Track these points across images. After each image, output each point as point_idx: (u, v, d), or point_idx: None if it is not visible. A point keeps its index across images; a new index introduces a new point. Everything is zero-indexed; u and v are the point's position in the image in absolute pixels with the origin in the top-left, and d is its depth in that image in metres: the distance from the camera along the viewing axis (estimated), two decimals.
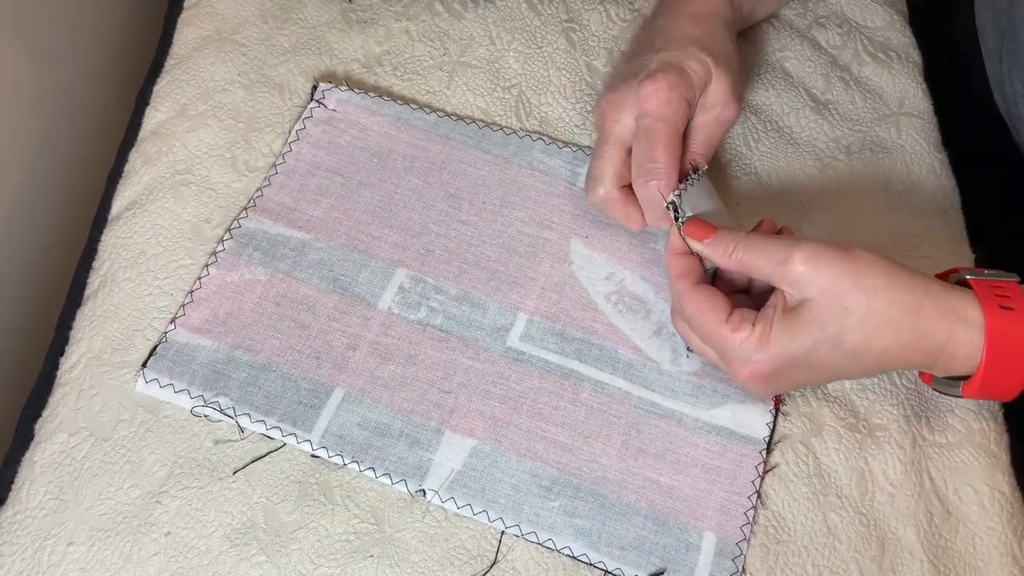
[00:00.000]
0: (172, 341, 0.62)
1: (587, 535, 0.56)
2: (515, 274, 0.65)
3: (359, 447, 0.59)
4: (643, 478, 0.58)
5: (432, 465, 0.58)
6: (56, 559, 0.55)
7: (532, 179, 0.69)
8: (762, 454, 0.59)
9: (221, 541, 0.56)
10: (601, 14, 0.77)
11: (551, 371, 0.62)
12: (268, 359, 0.61)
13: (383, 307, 0.64)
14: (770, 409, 0.60)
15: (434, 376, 0.61)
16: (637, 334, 0.63)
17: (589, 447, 0.59)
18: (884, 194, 0.69)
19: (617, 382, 0.61)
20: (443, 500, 0.57)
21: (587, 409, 0.60)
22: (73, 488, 0.57)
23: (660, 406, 0.61)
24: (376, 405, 0.60)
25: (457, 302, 0.64)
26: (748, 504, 0.57)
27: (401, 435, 0.59)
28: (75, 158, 0.80)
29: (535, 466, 0.58)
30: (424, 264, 0.65)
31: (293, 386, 0.60)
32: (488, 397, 0.61)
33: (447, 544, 0.56)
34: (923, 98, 0.74)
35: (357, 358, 0.62)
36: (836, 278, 0.53)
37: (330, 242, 0.66)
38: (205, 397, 0.60)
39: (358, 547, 0.56)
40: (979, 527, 0.57)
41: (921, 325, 0.52)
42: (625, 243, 0.66)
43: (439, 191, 0.68)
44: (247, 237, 0.66)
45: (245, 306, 0.63)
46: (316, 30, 0.76)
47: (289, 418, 0.59)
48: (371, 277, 0.65)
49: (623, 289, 0.65)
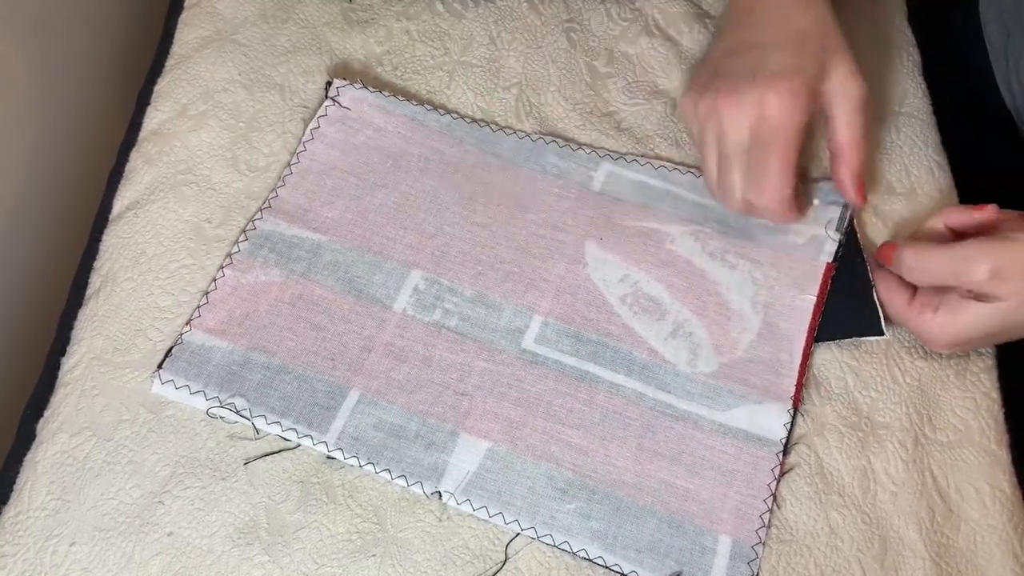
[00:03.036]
0: (187, 343, 0.62)
1: (603, 537, 0.56)
2: (529, 276, 0.65)
3: (375, 449, 0.59)
4: (658, 480, 0.58)
5: (448, 467, 0.58)
6: (58, 559, 0.55)
7: (546, 182, 0.69)
8: (778, 456, 0.59)
9: (223, 541, 0.56)
10: (602, 14, 0.77)
11: (566, 373, 0.61)
12: (283, 361, 0.61)
13: (398, 309, 0.63)
14: (788, 409, 0.60)
15: (449, 378, 0.61)
16: (653, 336, 0.63)
17: (604, 449, 0.59)
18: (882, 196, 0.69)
19: (633, 384, 0.61)
20: (459, 502, 0.57)
21: (602, 411, 0.60)
22: (75, 488, 0.57)
23: (676, 408, 0.60)
24: (391, 407, 0.60)
25: (472, 304, 0.64)
26: (764, 507, 0.57)
27: (417, 437, 0.59)
28: (76, 158, 0.80)
29: (551, 468, 0.58)
30: (439, 266, 0.65)
31: (309, 388, 0.61)
32: (503, 399, 0.60)
33: (449, 544, 0.56)
34: (922, 97, 0.74)
35: (372, 360, 0.62)
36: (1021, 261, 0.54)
37: (345, 244, 0.66)
38: (221, 398, 0.60)
39: (360, 547, 0.56)
40: (980, 525, 0.57)
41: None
42: (640, 245, 0.66)
43: (453, 193, 0.68)
44: (262, 239, 0.66)
45: (260, 308, 0.63)
46: (316, 30, 0.76)
47: (305, 419, 0.59)
48: (386, 279, 0.65)
49: (638, 291, 0.64)
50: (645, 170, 0.69)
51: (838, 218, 0.66)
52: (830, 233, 0.66)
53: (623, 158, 0.70)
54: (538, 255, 0.66)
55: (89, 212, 0.69)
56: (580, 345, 0.62)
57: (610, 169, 0.70)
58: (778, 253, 0.65)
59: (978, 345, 0.60)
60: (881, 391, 0.61)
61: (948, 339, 0.58)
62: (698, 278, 0.64)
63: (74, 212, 0.78)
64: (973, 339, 0.58)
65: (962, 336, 0.57)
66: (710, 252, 0.65)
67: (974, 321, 0.56)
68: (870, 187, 0.68)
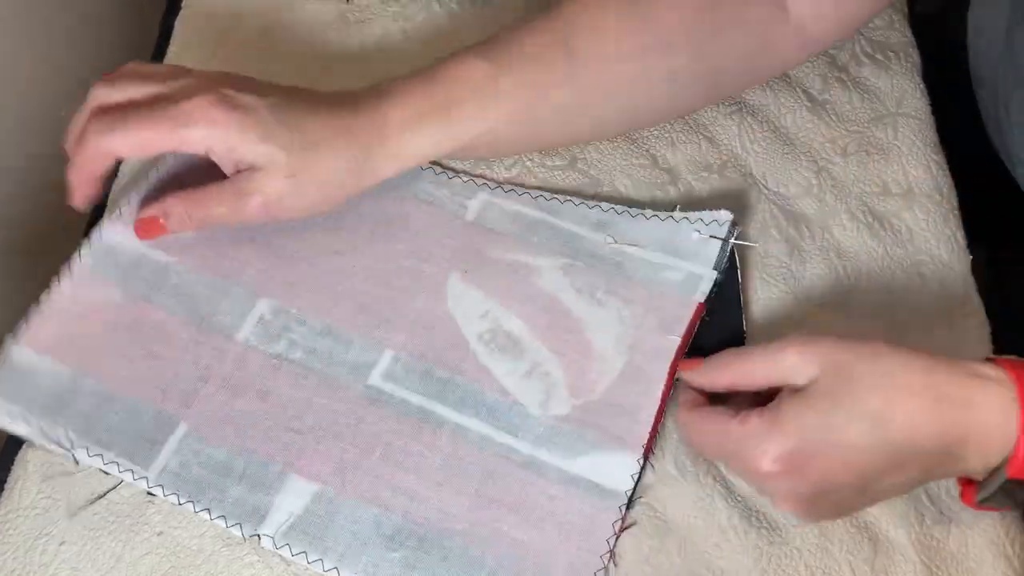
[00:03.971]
0: (16, 362, 0.59)
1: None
2: (386, 309, 0.62)
3: (197, 487, 0.56)
4: (493, 530, 0.55)
5: (271, 509, 0.55)
6: (47, 558, 0.55)
7: (417, 209, 0.66)
8: (621, 509, 0.55)
9: (213, 541, 0.56)
10: None
11: (410, 413, 0.58)
12: (113, 389, 0.58)
13: (241, 339, 0.61)
14: (638, 459, 0.57)
15: (286, 415, 0.58)
16: (507, 375, 0.60)
17: (440, 495, 0.56)
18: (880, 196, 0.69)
19: (479, 426, 0.58)
20: (278, 546, 0.54)
21: (443, 455, 0.57)
22: (65, 487, 0.57)
23: (520, 453, 0.57)
24: (220, 443, 0.57)
25: (320, 336, 0.61)
26: (599, 564, 0.54)
27: (243, 476, 0.56)
28: None
29: (379, 514, 0.55)
30: (289, 294, 0.62)
31: (136, 419, 0.58)
32: (339, 439, 0.58)
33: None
34: (921, 98, 0.74)
35: (206, 392, 0.59)
36: (836, 352, 0.49)
37: (193, 266, 0.63)
38: (43, 429, 0.57)
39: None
40: (972, 528, 0.56)
41: (937, 385, 0.48)
42: (506, 279, 0.63)
43: (318, 217, 0.63)
44: (106, 252, 0.63)
45: (95, 329, 0.60)
46: (314, 30, 0.76)
47: (128, 453, 0.57)
48: (232, 306, 0.62)
49: (497, 327, 0.61)
50: (523, 199, 0.66)
51: (717, 254, 0.63)
52: (707, 270, 0.63)
53: (501, 187, 0.67)
54: (398, 286, 0.63)
55: (88, 212, 0.69)
56: (429, 383, 0.59)
57: (486, 199, 0.67)
58: (651, 291, 0.62)
59: (818, 460, 0.49)
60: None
61: (780, 437, 0.49)
62: (562, 316, 0.62)
63: (73, 212, 0.78)
64: (807, 435, 0.48)
65: (792, 432, 0.48)
66: (578, 288, 0.63)
67: (801, 408, 0.49)
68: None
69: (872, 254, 0.66)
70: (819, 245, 0.66)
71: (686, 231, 0.64)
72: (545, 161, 0.69)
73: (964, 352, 0.54)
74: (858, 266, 0.66)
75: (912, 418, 0.48)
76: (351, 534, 0.55)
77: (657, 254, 0.64)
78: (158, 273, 0.63)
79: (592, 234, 0.65)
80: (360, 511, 0.56)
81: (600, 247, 0.64)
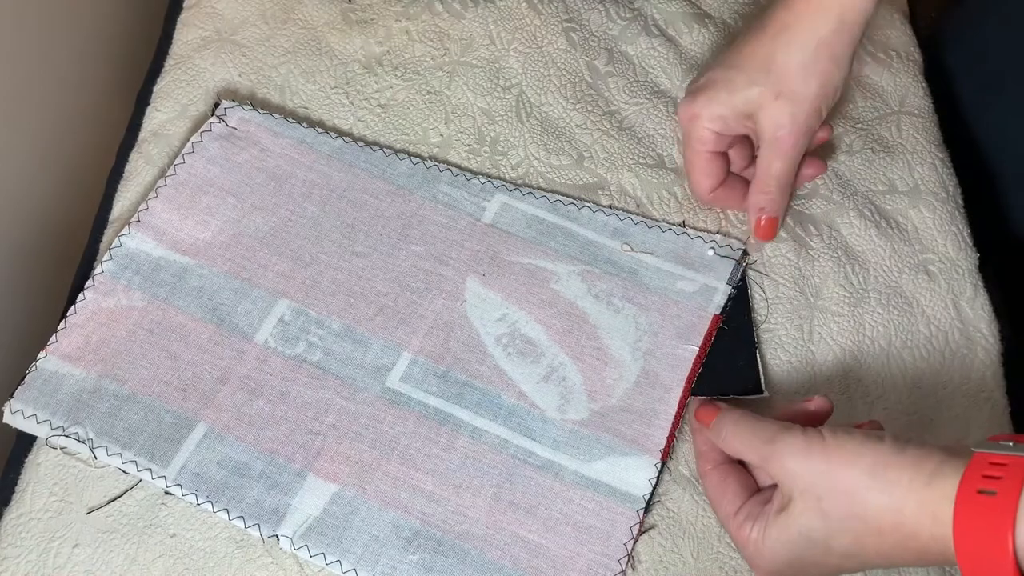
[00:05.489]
0: (42, 369, 0.59)
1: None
2: (404, 311, 0.62)
3: (215, 487, 0.56)
4: (510, 534, 0.56)
5: (289, 510, 0.56)
6: (61, 561, 0.55)
7: (434, 212, 0.66)
8: (639, 513, 0.56)
9: (226, 543, 0.56)
10: (601, 14, 0.77)
11: (428, 415, 0.59)
12: (133, 389, 0.59)
13: (260, 340, 0.61)
14: (655, 464, 0.58)
15: (304, 416, 0.59)
16: (524, 379, 0.60)
17: (458, 498, 0.56)
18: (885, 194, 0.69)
19: (496, 429, 0.59)
20: (296, 547, 0.55)
21: (461, 457, 0.58)
22: (77, 490, 0.57)
23: (538, 456, 0.58)
24: (239, 443, 0.58)
25: (339, 338, 0.61)
26: (617, 568, 0.55)
27: (261, 476, 0.57)
28: (75, 159, 0.80)
29: (397, 516, 0.56)
30: (308, 296, 0.63)
31: (155, 419, 0.58)
32: (358, 440, 0.58)
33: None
34: (923, 96, 0.74)
35: (225, 392, 0.59)
36: (813, 479, 0.49)
37: (213, 268, 0.63)
38: (64, 427, 0.57)
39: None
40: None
41: (905, 525, 0.47)
42: (524, 283, 0.64)
43: (336, 220, 0.65)
44: (127, 259, 0.63)
45: (118, 334, 0.61)
46: (316, 30, 0.76)
47: (146, 452, 0.57)
48: (251, 307, 0.62)
49: (515, 331, 0.62)
50: (541, 203, 0.67)
51: (731, 271, 0.64)
52: (721, 284, 0.64)
53: (518, 189, 0.67)
54: (416, 289, 0.63)
55: (89, 213, 0.69)
56: (447, 386, 0.60)
57: (504, 200, 0.67)
58: (666, 299, 0.63)
59: (801, 572, 0.52)
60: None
61: (764, 564, 0.52)
62: (579, 321, 0.62)
63: (74, 213, 0.78)
64: (788, 563, 0.51)
65: (775, 560, 0.51)
66: (596, 294, 0.63)
67: (780, 544, 0.50)
68: (873, 186, 0.68)
69: (879, 252, 0.67)
70: (827, 244, 0.67)
71: (700, 247, 0.65)
72: (551, 160, 0.70)
73: (975, 353, 0.54)
74: (866, 264, 0.66)
75: (886, 554, 0.48)
76: (369, 536, 0.55)
77: (672, 264, 0.65)
78: (179, 276, 0.63)
79: (609, 241, 0.65)
80: (378, 513, 0.56)
81: (617, 254, 0.65)
